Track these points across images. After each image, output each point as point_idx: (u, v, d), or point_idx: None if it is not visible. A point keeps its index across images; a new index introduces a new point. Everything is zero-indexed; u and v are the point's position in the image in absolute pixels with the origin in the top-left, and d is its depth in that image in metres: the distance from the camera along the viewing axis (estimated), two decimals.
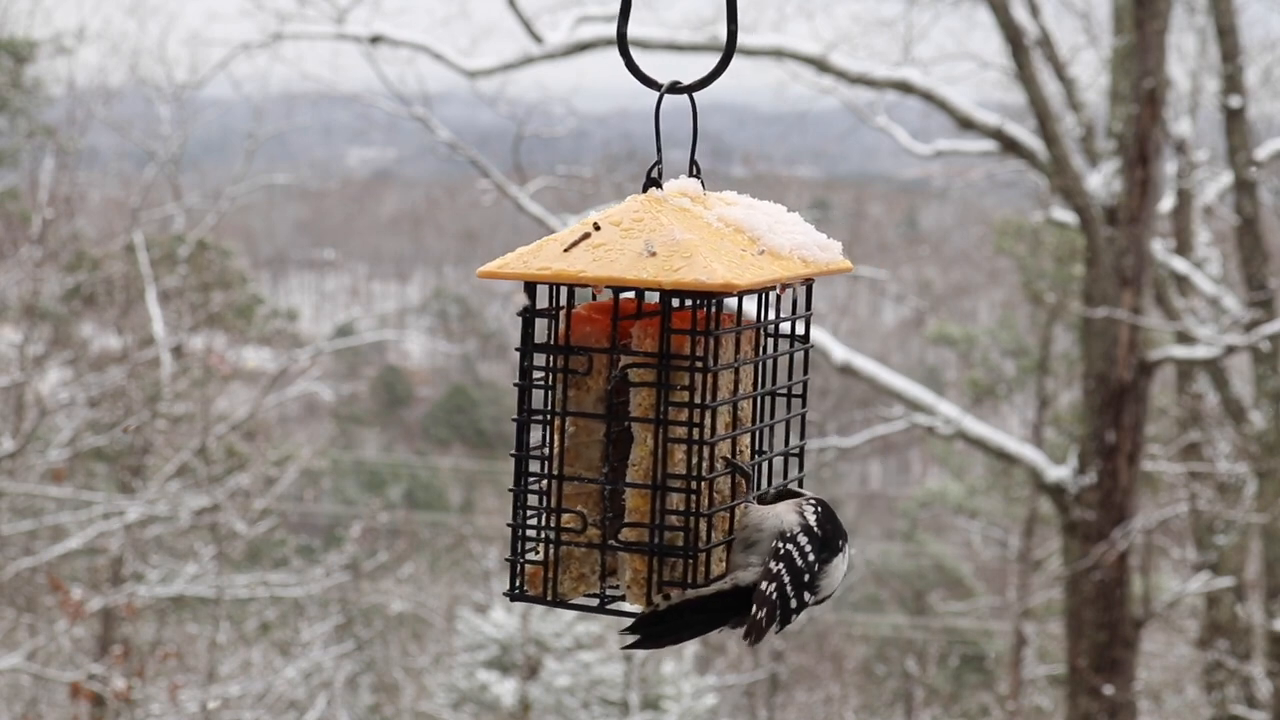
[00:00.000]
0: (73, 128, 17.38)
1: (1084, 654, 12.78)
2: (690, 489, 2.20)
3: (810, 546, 2.25)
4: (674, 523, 2.20)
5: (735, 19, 2.30)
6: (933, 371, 38.78)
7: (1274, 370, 14.62)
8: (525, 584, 2.30)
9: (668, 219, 2.22)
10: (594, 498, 2.27)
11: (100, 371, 15.80)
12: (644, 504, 2.21)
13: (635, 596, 2.23)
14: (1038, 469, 13.24)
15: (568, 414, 2.26)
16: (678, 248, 2.16)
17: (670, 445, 2.20)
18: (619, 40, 2.31)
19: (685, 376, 2.19)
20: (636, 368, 2.21)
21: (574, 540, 2.26)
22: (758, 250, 2.25)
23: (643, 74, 2.32)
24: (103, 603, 13.18)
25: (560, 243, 2.22)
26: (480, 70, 14.26)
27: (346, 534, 18.01)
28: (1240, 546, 15.11)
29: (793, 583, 2.22)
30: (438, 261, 58.09)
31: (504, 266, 2.24)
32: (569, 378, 2.26)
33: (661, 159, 2.30)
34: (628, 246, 2.19)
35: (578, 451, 2.27)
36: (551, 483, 2.26)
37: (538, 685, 17.22)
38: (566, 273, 2.19)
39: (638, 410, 2.22)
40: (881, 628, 27.25)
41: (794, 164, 35.27)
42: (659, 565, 2.21)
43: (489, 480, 33.48)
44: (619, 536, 2.23)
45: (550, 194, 15.86)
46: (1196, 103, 16.09)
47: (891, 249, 41.94)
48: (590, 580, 2.28)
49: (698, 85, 2.29)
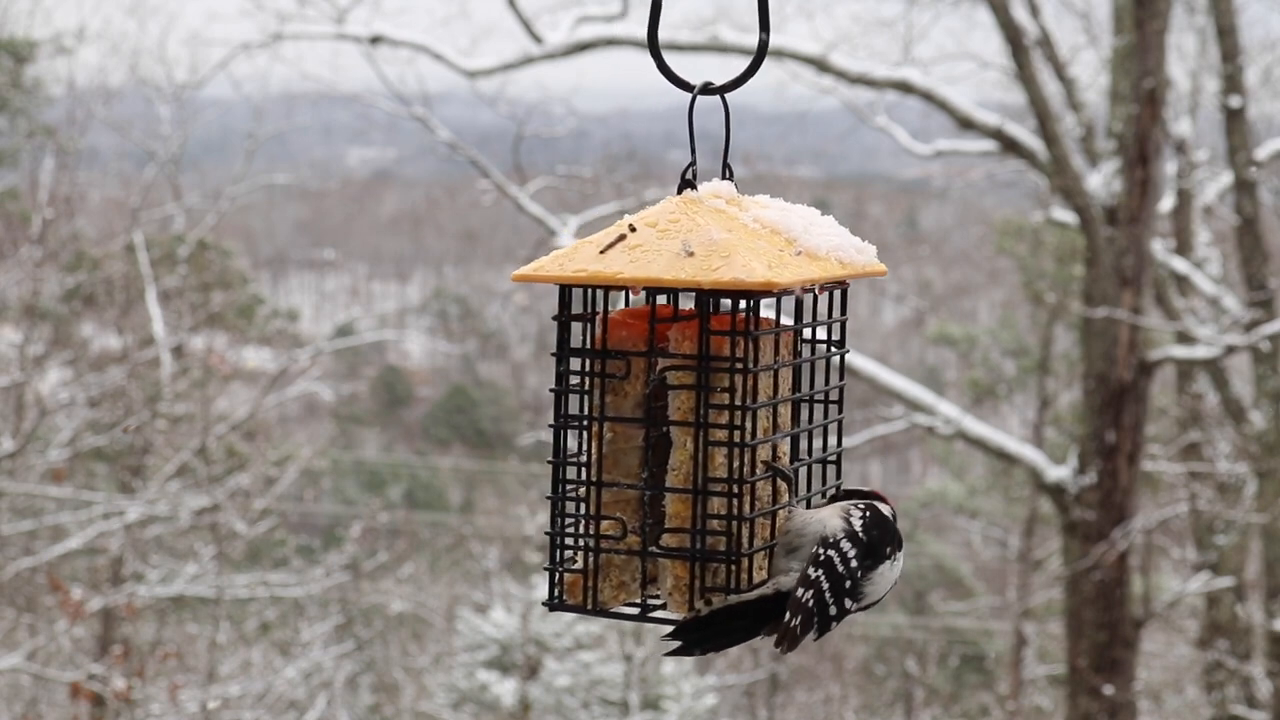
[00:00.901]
0: (73, 128, 17.37)
1: (1084, 654, 12.78)
2: (732, 493, 2.17)
3: (854, 552, 2.22)
4: (715, 527, 2.18)
5: (767, 27, 2.28)
6: (933, 371, 38.78)
7: (1274, 370, 14.62)
8: (565, 593, 2.27)
9: (704, 220, 2.20)
10: (633, 504, 2.25)
11: (100, 371, 15.80)
12: (685, 509, 2.19)
13: (677, 604, 2.20)
14: (1038, 469, 13.24)
15: (606, 419, 2.23)
16: (716, 247, 2.14)
17: (710, 449, 2.17)
18: (650, 42, 2.29)
19: (725, 378, 2.17)
20: (675, 370, 2.19)
21: (614, 548, 2.23)
22: (795, 251, 2.24)
23: (675, 75, 2.29)
24: (103, 603, 13.18)
25: (596, 245, 2.20)
26: (480, 70, 14.26)
27: (346, 534, 18.01)
28: (1240, 546, 15.11)
29: (832, 590, 2.20)
30: (438, 261, 58.07)
31: (539, 269, 2.21)
32: (606, 382, 2.23)
33: (695, 160, 2.27)
34: (665, 247, 2.16)
35: (616, 458, 2.25)
36: (590, 489, 2.24)
37: (538, 685, 17.22)
38: (603, 274, 2.16)
39: (677, 414, 2.19)
40: (881, 628, 27.23)
41: (794, 164, 35.23)
42: (701, 571, 2.19)
43: (489, 480, 33.46)
44: (660, 542, 2.20)
45: (550, 194, 15.86)
46: (1196, 103, 16.09)
47: (891, 249, 41.89)
48: (630, 588, 2.26)
49: (730, 86, 2.28)
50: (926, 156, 15.16)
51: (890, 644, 26.39)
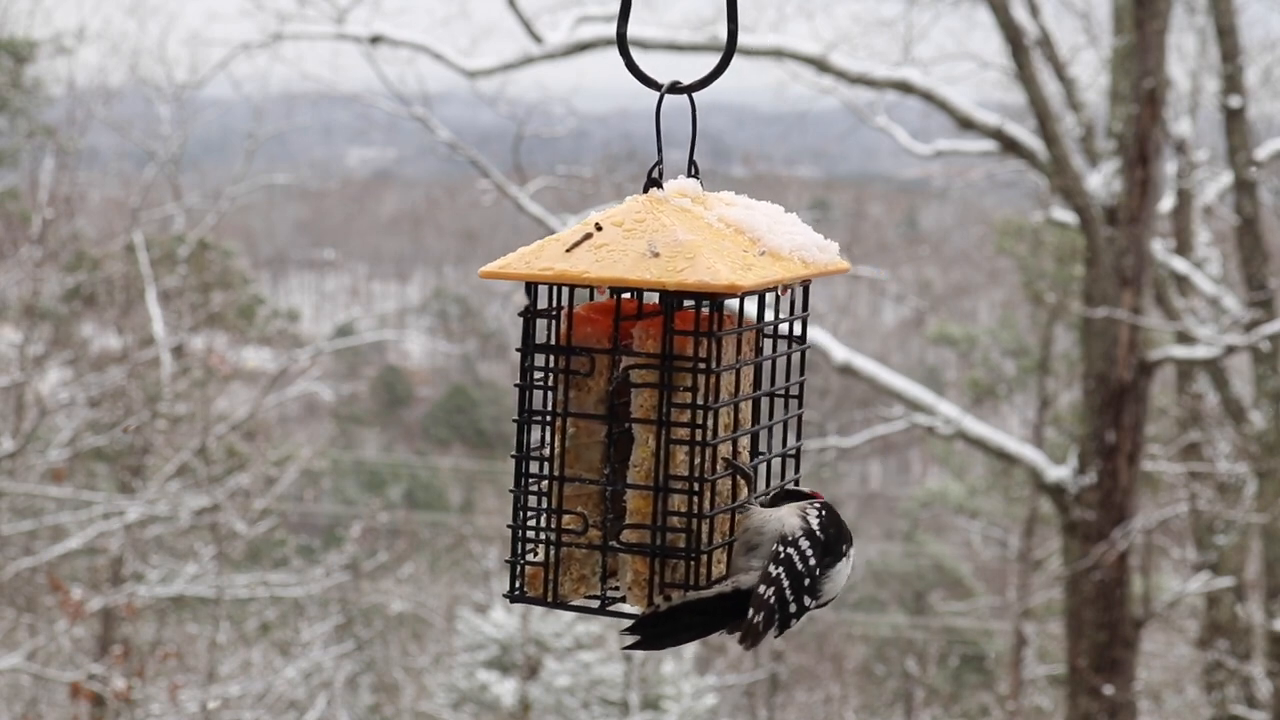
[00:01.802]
0: (73, 128, 17.38)
1: (1084, 654, 12.78)
2: (692, 490, 2.19)
3: (812, 551, 2.23)
4: (676, 524, 2.20)
5: (735, 19, 2.30)
6: (933, 371, 38.77)
7: (1274, 370, 14.62)
8: (525, 585, 2.29)
9: (669, 219, 2.21)
10: (594, 499, 2.26)
11: (100, 371, 15.80)
12: (645, 505, 2.21)
13: (636, 598, 2.22)
14: (1038, 469, 13.24)
15: (569, 415, 2.25)
16: (681, 249, 2.15)
17: (672, 446, 2.19)
18: (619, 40, 2.31)
19: (688, 378, 2.19)
20: (639, 369, 2.20)
21: (575, 542, 2.25)
22: (759, 251, 2.25)
23: (643, 74, 2.31)
24: (103, 603, 13.18)
25: (562, 243, 2.21)
26: (480, 70, 14.26)
27: (346, 534, 18.00)
28: (1240, 546, 15.11)
29: (792, 587, 2.21)
30: (438, 261, 58.04)
31: (506, 267, 2.23)
32: (570, 379, 2.25)
33: (662, 159, 2.29)
34: (630, 247, 2.18)
35: (578, 453, 2.26)
36: (552, 484, 2.25)
37: (538, 685, 17.22)
38: (569, 273, 2.18)
39: (639, 411, 2.21)
40: (881, 628, 27.24)
41: (794, 164, 35.28)
42: (660, 567, 2.21)
43: (489, 480, 33.46)
44: (621, 538, 2.22)
45: (550, 194, 15.86)
46: (1196, 103, 16.09)
47: (891, 249, 41.91)
48: (591, 582, 2.28)
49: (697, 85, 2.29)
50: (926, 156, 15.16)
51: (890, 644, 26.39)
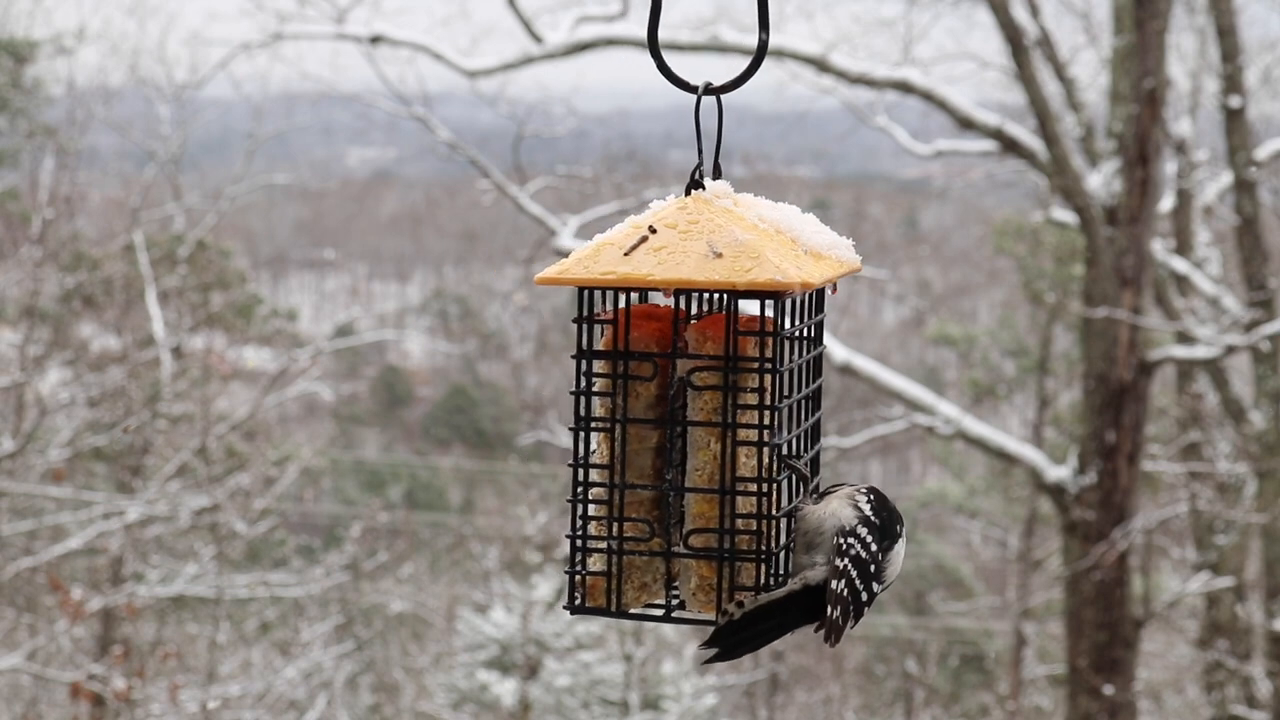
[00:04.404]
0: (73, 128, 17.37)
1: (1084, 654, 12.78)
2: (760, 492, 2.18)
3: (871, 537, 2.26)
4: (743, 527, 2.18)
5: (767, 27, 2.29)
6: (933, 371, 38.77)
7: (1274, 370, 14.62)
8: (586, 596, 2.26)
9: (721, 220, 2.20)
10: (647, 505, 2.24)
11: (100, 371, 15.80)
12: (711, 509, 2.19)
13: (700, 604, 2.20)
14: (1038, 469, 13.24)
15: (629, 420, 2.22)
16: (743, 249, 2.14)
17: (736, 448, 2.17)
18: (650, 43, 2.30)
19: (752, 379, 2.17)
20: (701, 371, 2.18)
21: (638, 549, 2.22)
22: (803, 250, 2.24)
23: (676, 76, 2.30)
24: (103, 603, 13.17)
25: (618, 246, 2.18)
26: (480, 70, 14.26)
27: (346, 534, 18.01)
28: (1240, 546, 15.11)
29: (860, 576, 2.24)
30: (438, 261, 58.06)
31: (564, 272, 2.19)
32: (626, 384, 2.22)
33: (703, 160, 2.27)
34: (690, 248, 2.15)
35: (630, 459, 2.24)
36: (613, 491, 2.23)
37: (538, 685, 17.22)
38: (633, 276, 2.15)
39: (700, 414, 2.19)
40: (881, 628, 27.22)
41: (794, 164, 35.24)
42: (730, 571, 2.19)
43: (489, 480, 33.46)
44: (688, 543, 2.20)
45: (550, 194, 15.87)
46: (1196, 103, 16.09)
47: (891, 249, 41.89)
48: (652, 589, 2.26)
49: (730, 87, 2.28)
50: (926, 156, 15.16)
51: (890, 644, 26.38)
